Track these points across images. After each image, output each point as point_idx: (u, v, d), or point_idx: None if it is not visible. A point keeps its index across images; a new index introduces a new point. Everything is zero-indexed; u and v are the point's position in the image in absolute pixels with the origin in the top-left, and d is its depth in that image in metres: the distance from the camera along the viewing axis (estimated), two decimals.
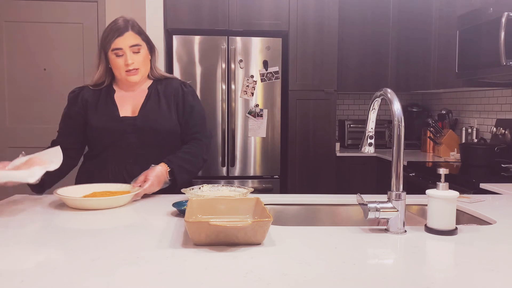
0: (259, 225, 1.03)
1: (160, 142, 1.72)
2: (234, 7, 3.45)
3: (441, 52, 3.16)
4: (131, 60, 1.66)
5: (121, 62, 1.67)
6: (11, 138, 3.75)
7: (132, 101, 1.74)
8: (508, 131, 2.79)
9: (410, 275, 0.88)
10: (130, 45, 1.66)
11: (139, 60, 1.69)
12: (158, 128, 1.70)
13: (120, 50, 1.66)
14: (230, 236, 1.03)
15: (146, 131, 1.69)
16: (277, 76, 3.48)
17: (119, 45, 1.65)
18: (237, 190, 1.53)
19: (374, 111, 1.30)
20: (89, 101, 1.73)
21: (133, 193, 1.47)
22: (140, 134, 1.69)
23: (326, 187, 3.57)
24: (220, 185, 1.56)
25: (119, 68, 1.68)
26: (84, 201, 1.39)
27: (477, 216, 1.41)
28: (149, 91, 1.76)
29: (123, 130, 1.69)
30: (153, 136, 1.71)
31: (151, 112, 1.72)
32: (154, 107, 1.73)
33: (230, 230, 1.01)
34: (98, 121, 1.70)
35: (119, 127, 1.69)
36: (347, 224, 1.57)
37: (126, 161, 1.70)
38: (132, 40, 1.67)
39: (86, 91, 1.77)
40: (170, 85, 1.79)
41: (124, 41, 1.65)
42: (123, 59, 1.66)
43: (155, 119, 1.71)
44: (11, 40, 3.70)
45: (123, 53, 1.66)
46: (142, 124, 1.69)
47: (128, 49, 1.66)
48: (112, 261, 0.94)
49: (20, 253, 0.99)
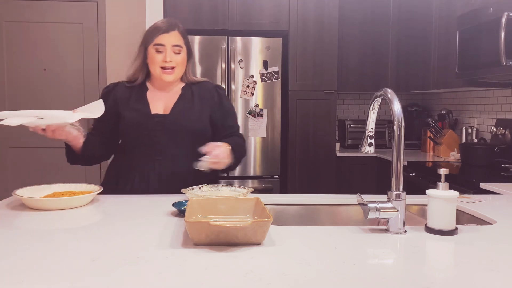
0: (259, 225, 1.03)
1: (189, 142, 1.72)
2: (234, 7, 3.45)
3: (441, 52, 3.16)
4: (170, 58, 1.68)
5: (160, 58, 1.69)
6: (11, 138, 3.75)
7: (164, 100, 1.76)
8: (508, 131, 2.79)
9: (410, 275, 0.88)
10: (173, 44, 1.69)
11: (177, 60, 1.71)
12: (188, 128, 1.72)
13: (161, 46, 1.68)
14: (230, 236, 1.03)
15: (176, 129, 1.71)
16: (277, 76, 3.48)
17: (162, 41, 1.68)
18: (237, 190, 1.53)
19: (374, 111, 1.29)
20: (121, 97, 1.76)
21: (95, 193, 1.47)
22: (169, 132, 1.70)
23: (326, 187, 3.57)
24: (220, 185, 1.56)
25: (156, 63, 1.70)
26: (44, 201, 1.38)
27: (477, 216, 1.41)
28: (183, 91, 1.79)
29: (153, 127, 1.70)
30: (182, 135, 1.72)
31: (183, 111, 1.73)
32: (187, 107, 1.74)
33: (230, 230, 1.01)
34: (129, 116, 1.71)
35: (149, 124, 1.70)
36: (347, 224, 1.57)
37: (154, 158, 1.70)
38: (176, 40, 1.70)
39: (119, 87, 1.79)
40: (204, 87, 1.82)
41: (168, 38, 1.68)
42: (162, 55, 1.68)
43: (186, 118, 1.72)
44: (11, 40, 3.70)
45: (164, 50, 1.68)
46: (173, 122, 1.70)
47: (170, 47, 1.68)
48: (112, 261, 0.94)
49: (19, 253, 0.99)
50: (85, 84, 3.77)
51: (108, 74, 3.79)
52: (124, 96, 1.76)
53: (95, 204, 1.49)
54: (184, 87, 1.80)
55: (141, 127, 1.70)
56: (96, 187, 1.55)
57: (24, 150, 3.76)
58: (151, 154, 1.70)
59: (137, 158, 1.72)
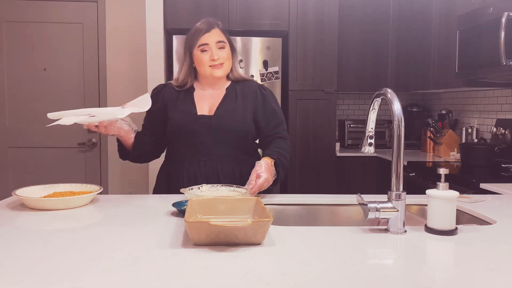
0: (259, 225, 1.03)
1: (233, 142, 1.75)
2: (234, 7, 3.45)
3: (441, 52, 3.16)
4: (217, 55, 1.71)
5: (207, 57, 1.71)
6: (11, 138, 3.75)
7: (210, 100, 1.78)
8: (508, 131, 2.79)
9: (410, 275, 0.88)
10: (216, 40, 1.72)
11: (223, 56, 1.73)
12: (232, 128, 1.73)
13: (206, 46, 1.71)
14: (230, 236, 1.03)
15: (220, 130, 1.72)
16: (277, 76, 3.48)
17: (205, 41, 1.71)
18: (236, 190, 1.53)
19: (374, 111, 1.29)
20: (169, 98, 1.78)
21: (95, 193, 1.48)
22: (214, 133, 1.72)
23: (326, 187, 3.57)
24: (219, 185, 1.56)
25: (204, 63, 1.72)
26: (44, 201, 1.38)
27: (477, 216, 1.41)
28: (227, 92, 1.80)
29: (198, 128, 1.72)
30: (226, 135, 1.73)
31: (227, 112, 1.75)
32: (230, 108, 1.76)
33: (230, 230, 1.01)
34: (175, 117, 1.74)
35: (195, 125, 1.72)
36: (347, 224, 1.57)
37: (200, 159, 1.72)
38: (218, 37, 1.73)
39: (168, 89, 1.82)
40: (248, 87, 1.82)
41: (210, 36, 1.72)
42: (208, 54, 1.71)
43: (230, 119, 1.73)
44: (11, 40, 3.70)
45: (209, 49, 1.71)
46: (217, 124, 1.72)
47: (214, 45, 1.71)
48: (112, 261, 0.94)
49: (19, 253, 0.99)
50: (85, 84, 3.77)
51: (108, 74, 3.79)
52: (172, 97, 1.79)
53: (95, 204, 1.49)
54: (228, 87, 1.82)
55: (187, 128, 1.72)
56: (96, 187, 1.55)
57: (24, 150, 3.76)
58: (196, 155, 1.73)
59: (185, 160, 1.74)
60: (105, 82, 3.78)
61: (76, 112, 1.51)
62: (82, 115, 1.50)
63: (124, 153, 1.79)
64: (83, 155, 3.80)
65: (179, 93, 1.79)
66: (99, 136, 3.80)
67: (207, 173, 1.70)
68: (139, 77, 3.77)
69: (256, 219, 1.17)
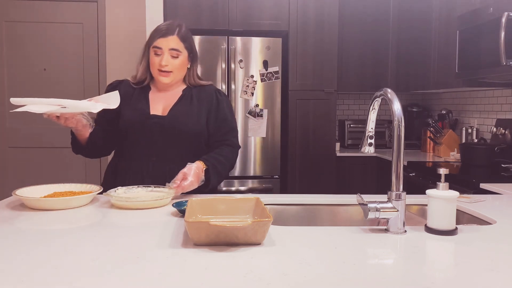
0: (259, 225, 1.03)
1: (185, 143, 1.74)
2: (234, 7, 3.45)
3: (441, 52, 3.16)
4: (166, 62, 1.70)
5: (157, 61, 1.71)
6: (11, 138, 3.75)
7: (164, 101, 1.77)
8: (508, 131, 2.79)
9: (410, 275, 0.88)
10: (170, 48, 1.70)
11: (174, 64, 1.72)
12: (184, 130, 1.72)
13: (159, 50, 1.70)
14: (230, 236, 1.03)
15: (173, 131, 1.72)
16: (277, 76, 3.48)
17: (159, 44, 1.70)
18: (154, 190, 1.54)
19: (374, 111, 1.29)
20: (124, 95, 1.75)
21: (95, 193, 1.47)
22: (166, 133, 1.72)
23: (326, 187, 3.57)
24: (135, 187, 1.56)
25: (154, 65, 1.72)
26: (44, 201, 1.38)
27: (477, 216, 1.41)
28: (183, 93, 1.80)
29: (150, 128, 1.71)
30: (178, 136, 1.72)
31: (180, 113, 1.74)
32: (184, 109, 1.75)
33: (230, 230, 1.01)
34: (127, 115, 1.73)
35: (147, 124, 1.72)
36: (347, 224, 1.57)
37: (149, 158, 1.72)
38: (174, 44, 1.70)
39: (124, 85, 1.80)
40: (205, 90, 1.82)
41: (165, 42, 1.70)
42: (159, 58, 1.70)
43: (183, 121, 1.73)
44: (11, 40, 3.70)
45: (161, 53, 1.70)
46: (170, 124, 1.72)
47: (167, 51, 1.70)
48: (112, 261, 0.94)
49: (19, 253, 0.99)
50: (85, 84, 3.77)
51: (108, 74, 3.79)
52: (127, 94, 1.77)
53: (95, 204, 1.49)
54: (185, 89, 1.81)
55: (139, 127, 1.72)
56: (96, 187, 1.55)
57: (24, 150, 3.76)
58: (146, 155, 1.72)
59: (133, 158, 1.73)
60: (105, 82, 3.78)
61: (45, 101, 1.49)
62: (54, 105, 1.49)
63: (77, 147, 1.78)
64: None
65: (134, 91, 1.79)
66: None
67: (155, 174, 1.68)
68: None
69: (256, 219, 1.17)
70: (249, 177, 3.51)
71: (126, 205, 1.41)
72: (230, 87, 3.44)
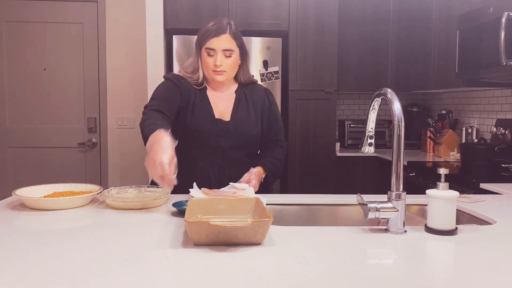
0: (259, 225, 1.03)
1: (245, 146, 1.79)
2: (234, 7, 3.45)
3: (441, 52, 3.16)
4: (220, 62, 1.69)
5: (211, 62, 1.71)
6: (11, 138, 3.75)
7: (222, 103, 1.79)
8: (508, 131, 2.79)
9: (410, 275, 0.88)
10: (224, 48, 1.69)
11: (228, 64, 1.72)
12: (247, 133, 1.77)
13: (212, 51, 1.70)
14: (230, 236, 1.03)
15: (237, 135, 1.75)
16: (277, 76, 3.48)
17: (212, 46, 1.69)
18: (147, 190, 1.55)
19: (374, 111, 1.29)
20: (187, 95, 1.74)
21: (95, 193, 1.48)
22: (230, 138, 1.75)
23: (326, 187, 3.57)
24: (127, 187, 1.56)
25: (207, 67, 1.72)
26: (44, 201, 1.38)
27: (477, 216, 1.41)
28: (237, 95, 1.82)
29: (217, 133, 1.73)
30: (241, 140, 1.77)
31: (242, 117, 1.78)
32: (244, 113, 1.79)
33: (230, 230, 1.01)
34: (195, 119, 1.73)
35: (213, 129, 1.73)
36: (347, 224, 1.57)
37: (214, 162, 1.75)
38: (227, 44, 1.70)
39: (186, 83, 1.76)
40: (256, 91, 1.85)
41: (218, 42, 1.69)
42: (213, 59, 1.70)
43: (245, 125, 1.77)
44: (11, 40, 3.70)
45: (215, 54, 1.70)
46: (235, 129, 1.75)
47: (220, 52, 1.69)
48: (112, 261, 0.94)
49: (19, 253, 0.99)
50: (85, 84, 3.77)
51: (108, 74, 3.79)
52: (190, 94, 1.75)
53: (95, 204, 1.49)
54: (237, 90, 1.83)
55: (205, 131, 1.72)
56: (96, 187, 1.55)
57: (24, 150, 3.76)
58: (211, 158, 1.75)
59: (198, 160, 1.74)
60: (105, 82, 3.78)
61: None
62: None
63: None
64: (83, 155, 3.80)
65: (196, 91, 1.77)
66: (99, 136, 3.80)
67: (220, 177, 1.73)
68: (139, 77, 3.77)
69: (256, 219, 1.17)
70: None
71: (123, 206, 1.41)
72: None
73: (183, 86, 1.75)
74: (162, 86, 1.77)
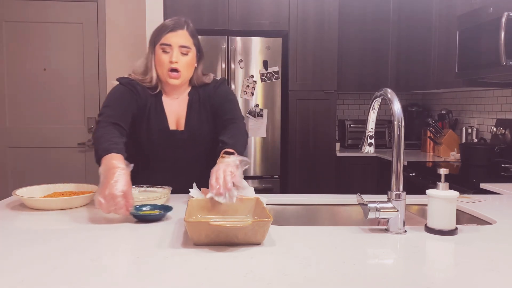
0: (259, 225, 1.03)
1: (203, 152, 1.73)
2: (234, 7, 3.45)
3: (441, 52, 3.16)
4: (176, 58, 1.58)
5: (166, 59, 1.59)
6: (11, 138, 3.74)
7: (176, 111, 1.70)
8: (508, 131, 2.79)
9: (410, 275, 0.88)
10: (180, 44, 1.59)
11: (183, 63, 1.60)
12: (202, 141, 1.71)
13: (168, 46, 1.58)
14: (230, 236, 1.03)
15: (193, 144, 1.70)
16: (277, 76, 3.48)
17: (168, 41, 1.58)
18: (147, 190, 1.53)
19: (374, 111, 1.29)
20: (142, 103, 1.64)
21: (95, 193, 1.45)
22: (187, 147, 1.69)
23: (326, 187, 3.57)
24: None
25: (162, 65, 1.60)
26: (44, 201, 1.38)
27: (477, 216, 1.41)
28: (190, 98, 1.71)
29: (173, 144, 1.67)
30: (199, 148, 1.71)
31: (196, 124, 1.69)
32: (197, 120, 1.70)
33: (231, 230, 1.01)
34: (149, 131, 1.65)
35: (168, 142, 1.67)
36: (347, 224, 1.57)
37: (175, 172, 1.70)
38: (184, 40, 1.60)
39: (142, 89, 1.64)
40: (205, 90, 1.73)
41: (175, 37, 1.58)
42: (168, 56, 1.59)
43: (199, 133, 1.69)
44: (11, 40, 3.70)
45: (171, 50, 1.59)
46: (190, 139, 1.68)
47: (176, 48, 1.59)
48: (112, 261, 0.94)
49: (19, 253, 0.99)
50: (85, 84, 3.77)
51: (108, 74, 3.79)
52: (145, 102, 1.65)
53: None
54: (190, 92, 1.73)
55: (162, 143, 1.67)
56: (96, 187, 1.55)
57: (24, 150, 3.76)
58: (171, 169, 1.70)
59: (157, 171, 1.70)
60: (105, 82, 3.78)
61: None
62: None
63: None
64: (83, 155, 3.79)
65: (151, 98, 1.66)
66: None
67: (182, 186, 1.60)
68: None
69: (256, 219, 1.17)
70: (249, 177, 3.51)
71: None
72: (230, 87, 3.43)
73: (139, 93, 1.64)
74: (117, 92, 1.64)
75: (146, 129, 1.66)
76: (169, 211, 1.31)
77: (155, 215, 1.27)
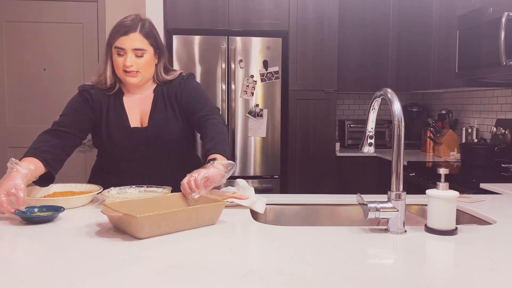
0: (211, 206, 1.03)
1: (171, 149, 1.69)
2: (234, 7, 3.45)
3: (441, 52, 3.16)
4: (130, 62, 1.57)
5: (121, 62, 1.58)
6: (11, 138, 3.74)
7: (139, 107, 1.67)
8: (508, 131, 2.79)
9: (410, 275, 0.88)
10: (134, 48, 1.57)
11: (140, 64, 1.59)
12: (168, 138, 1.66)
13: (122, 50, 1.57)
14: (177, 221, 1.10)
15: (158, 141, 1.65)
16: (277, 76, 3.48)
17: (121, 45, 1.56)
18: (147, 190, 1.53)
19: (374, 111, 1.29)
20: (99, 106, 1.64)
21: (95, 193, 1.47)
22: (152, 145, 1.65)
23: (326, 187, 3.57)
24: (127, 187, 1.53)
25: (118, 67, 1.60)
26: (44, 201, 1.38)
27: (477, 216, 1.41)
28: (155, 95, 1.69)
29: (136, 142, 1.64)
30: (164, 146, 1.66)
31: (160, 120, 1.65)
32: (162, 115, 1.66)
33: (171, 216, 1.01)
34: (109, 133, 1.63)
35: (130, 140, 1.64)
36: (347, 224, 1.57)
37: (144, 172, 1.67)
38: (137, 43, 1.57)
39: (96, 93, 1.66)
40: (171, 86, 1.69)
41: (128, 41, 1.56)
42: (123, 59, 1.58)
43: (165, 129, 1.65)
44: (11, 40, 3.70)
45: (125, 53, 1.57)
46: (155, 135, 1.64)
47: (130, 51, 1.57)
48: (111, 261, 0.94)
49: (19, 253, 0.99)
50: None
51: None
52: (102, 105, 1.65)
53: (95, 204, 1.49)
54: (156, 88, 1.70)
55: (124, 144, 1.64)
56: (96, 187, 1.55)
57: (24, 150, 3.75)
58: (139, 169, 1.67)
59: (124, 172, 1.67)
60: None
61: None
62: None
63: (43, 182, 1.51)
64: (83, 155, 3.79)
65: (109, 99, 1.65)
66: None
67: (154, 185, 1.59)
68: None
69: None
70: (249, 177, 3.51)
71: None
72: (230, 87, 3.43)
73: (93, 98, 1.64)
74: (72, 100, 1.66)
75: (106, 129, 1.64)
76: (61, 212, 1.28)
77: (44, 216, 1.25)
